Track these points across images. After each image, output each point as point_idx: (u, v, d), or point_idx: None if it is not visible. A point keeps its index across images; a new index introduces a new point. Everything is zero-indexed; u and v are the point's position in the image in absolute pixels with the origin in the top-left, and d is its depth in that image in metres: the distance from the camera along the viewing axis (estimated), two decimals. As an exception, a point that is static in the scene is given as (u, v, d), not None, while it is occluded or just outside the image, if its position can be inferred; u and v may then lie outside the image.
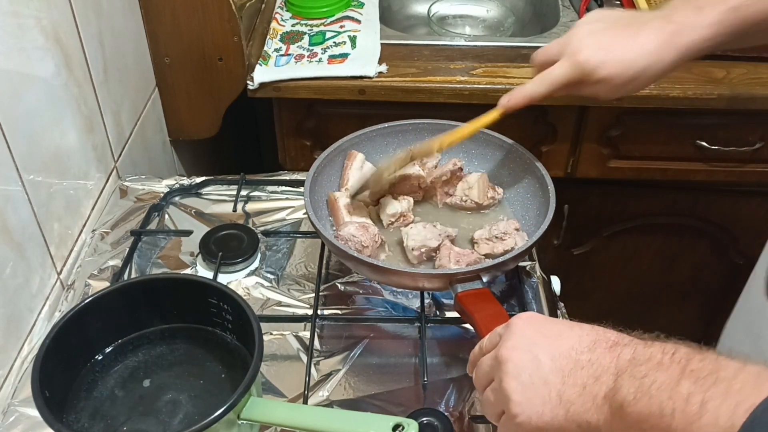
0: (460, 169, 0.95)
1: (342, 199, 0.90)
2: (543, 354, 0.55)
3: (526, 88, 0.83)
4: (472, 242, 0.88)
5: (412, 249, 0.84)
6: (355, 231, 0.83)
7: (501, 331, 0.59)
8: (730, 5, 0.76)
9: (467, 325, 0.87)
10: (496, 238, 0.86)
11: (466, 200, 0.92)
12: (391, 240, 0.90)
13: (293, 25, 1.35)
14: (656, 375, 0.47)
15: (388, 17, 1.46)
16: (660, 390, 0.46)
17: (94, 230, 1.00)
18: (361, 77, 1.20)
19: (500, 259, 0.79)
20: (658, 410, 0.45)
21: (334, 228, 0.89)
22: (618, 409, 0.48)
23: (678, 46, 0.77)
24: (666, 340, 0.51)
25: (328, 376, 0.81)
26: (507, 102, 0.85)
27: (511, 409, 0.54)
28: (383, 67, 1.22)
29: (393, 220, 0.90)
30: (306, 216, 0.98)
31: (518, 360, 0.55)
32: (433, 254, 0.85)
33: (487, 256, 0.85)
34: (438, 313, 0.89)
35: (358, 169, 0.94)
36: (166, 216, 1.04)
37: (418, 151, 0.89)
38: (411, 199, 0.92)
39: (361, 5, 1.39)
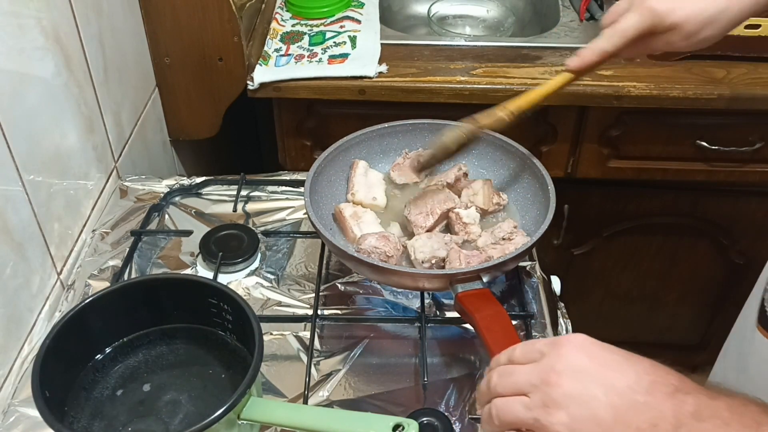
0: (465, 174, 0.95)
1: (347, 209, 0.90)
2: (596, 386, 0.50)
3: (596, 44, 0.78)
4: (477, 250, 0.88)
5: (422, 262, 0.83)
6: (377, 242, 0.83)
7: (545, 349, 0.54)
8: None
9: (467, 325, 0.87)
10: (504, 239, 0.85)
11: (471, 207, 0.91)
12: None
13: (293, 26, 1.35)
14: None
15: (388, 17, 1.46)
16: None
17: (94, 230, 1.00)
18: (361, 77, 1.20)
19: (500, 259, 0.79)
20: None
21: (346, 240, 0.89)
22: None
23: None
24: (731, 393, 0.46)
25: (328, 376, 0.81)
26: (576, 62, 0.80)
27: None
28: (383, 67, 1.22)
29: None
30: (306, 216, 0.98)
31: (568, 388, 0.50)
32: (442, 264, 0.84)
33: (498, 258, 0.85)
34: (438, 313, 0.89)
35: (363, 175, 0.94)
36: (166, 216, 1.04)
37: (485, 120, 0.83)
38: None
39: (361, 5, 1.39)
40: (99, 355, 0.74)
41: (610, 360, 0.52)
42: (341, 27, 1.33)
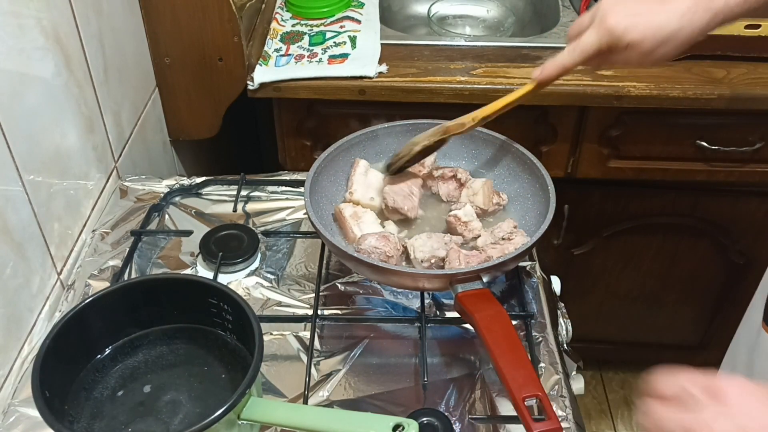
0: (461, 183, 0.95)
1: (347, 209, 0.90)
2: None
3: (557, 59, 0.83)
4: (477, 250, 0.88)
5: (422, 261, 0.83)
6: (377, 242, 0.83)
7: (700, 395, 0.52)
8: None
9: (467, 325, 0.87)
10: (503, 239, 0.86)
11: (466, 205, 0.91)
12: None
13: (293, 26, 1.35)
14: None
15: (388, 17, 1.46)
16: None
17: (94, 230, 1.00)
18: (361, 77, 1.20)
19: (500, 259, 0.79)
20: None
21: (346, 240, 0.89)
22: None
23: (710, 8, 0.75)
24: None
25: (328, 376, 0.81)
26: (540, 75, 0.84)
27: None
28: (383, 68, 1.22)
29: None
30: (306, 216, 0.98)
31: None
32: (442, 264, 0.85)
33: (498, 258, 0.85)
34: (438, 313, 0.89)
35: (363, 174, 0.94)
36: (167, 216, 1.04)
37: (452, 126, 0.90)
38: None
39: (361, 5, 1.39)
40: (99, 355, 0.74)
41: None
42: (341, 27, 1.33)
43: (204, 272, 0.94)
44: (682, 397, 0.52)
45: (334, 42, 1.28)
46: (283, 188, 1.08)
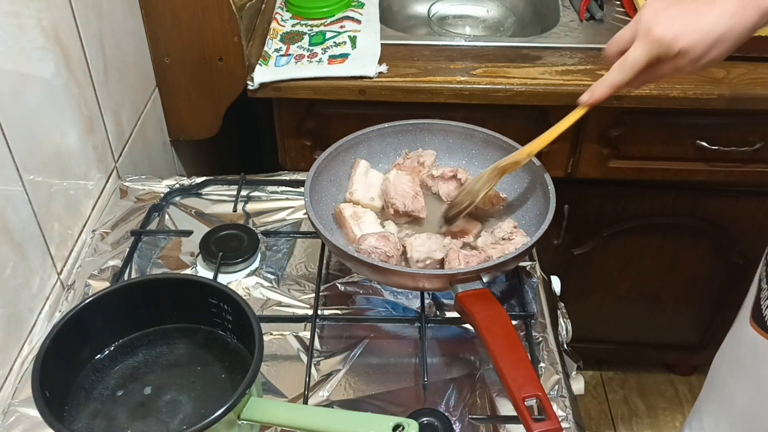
0: (461, 182, 0.95)
1: (347, 209, 0.90)
2: None
3: (607, 79, 0.81)
4: (476, 250, 0.88)
5: (417, 261, 0.83)
6: (377, 242, 0.83)
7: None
8: None
9: (467, 326, 0.87)
10: (503, 239, 0.86)
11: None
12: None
13: (293, 26, 1.35)
14: None
15: (388, 17, 1.46)
16: None
17: (94, 230, 1.00)
18: (361, 77, 1.20)
19: (500, 259, 0.79)
20: None
21: (346, 240, 0.89)
22: None
23: (759, 6, 0.73)
24: None
25: (328, 376, 0.81)
26: (589, 98, 0.83)
27: None
28: (383, 68, 1.22)
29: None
30: (306, 216, 0.98)
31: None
32: (437, 266, 0.84)
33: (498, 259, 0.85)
34: (438, 313, 0.89)
35: (363, 174, 0.94)
36: (167, 216, 1.04)
37: (505, 165, 0.88)
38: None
39: (361, 5, 1.39)
40: (99, 355, 0.74)
41: None
42: (341, 27, 1.33)
43: (204, 272, 0.94)
44: None
45: (334, 42, 1.28)
46: (283, 188, 1.08)
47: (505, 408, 0.78)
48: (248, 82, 1.20)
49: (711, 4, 0.74)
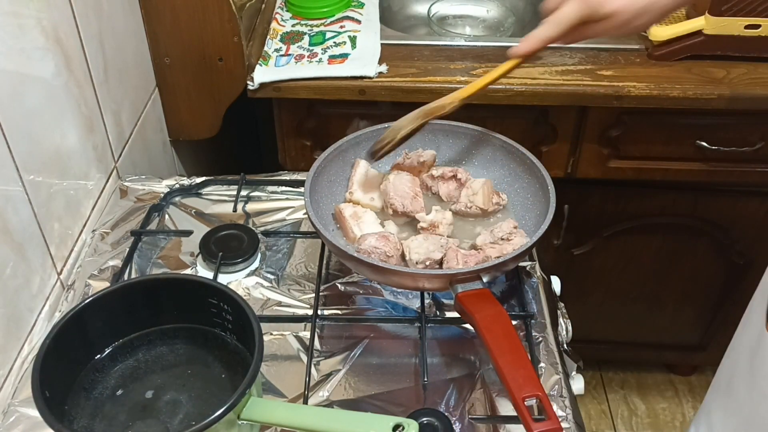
0: (461, 182, 0.95)
1: (347, 209, 0.90)
2: None
3: (537, 32, 0.84)
4: (476, 249, 0.88)
5: (416, 263, 0.83)
6: (377, 242, 0.83)
7: None
8: None
9: (467, 325, 0.87)
10: (502, 239, 0.85)
11: (471, 207, 0.91)
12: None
13: (293, 26, 1.35)
14: None
15: (388, 17, 1.46)
16: None
17: (94, 230, 1.00)
18: (361, 77, 1.20)
19: (500, 259, 0.79)
20: None
21: (346, 240, 0.89)
22: None
23: None
24: None
25: (328, 376, 0.81)
26: (519, 49, 0.85)
27: None
28: (383, 68, 1.22)
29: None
30: (306, 216, 0.98)
31: None
32: (437, 266, 0.84)
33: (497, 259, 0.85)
34: (438, 313, 0.89)
35: (363, 174, 0.94)
36: (166, 216, 1.04)
37: (431, 109, 0.90)
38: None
39: (361, 5, 1.39)
40: (99, 355, 0.74)
41: None
42: (341, 27, 1.33)
43: (204, 272, 0.94)
44: None
45: (334, 42, 1.28)
46: (283, 188, 1.08)
47: (505, 408, 0.78)
48: (248, 82, 1.21)
49: None
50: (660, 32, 1.25)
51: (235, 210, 1.04)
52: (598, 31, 0.81)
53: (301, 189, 0.94)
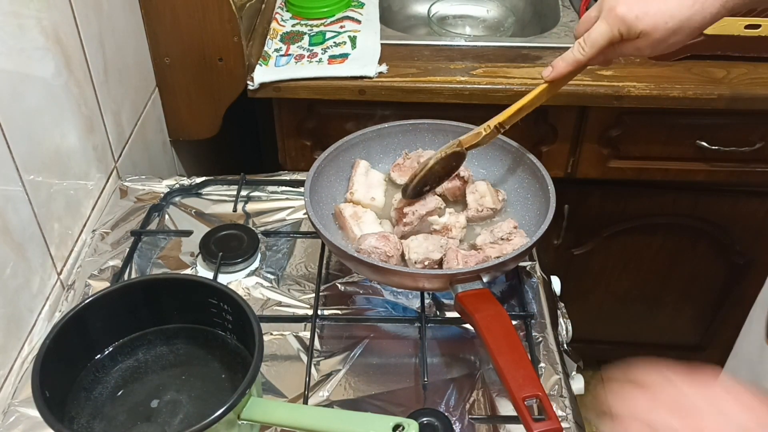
0: (465, 180, 0.95)
1: (347, 209, 0.90)
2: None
3: (567, 55, 0.81)
4: (476, 249, 0.88)
5: (415, 263, 0.83)
6: (377, 242, 0.83)
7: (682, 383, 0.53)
8: None
9: (467, 325, 0.87)
10: (502, 239, 0.85)
11: (482, 209, 0.91)
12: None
13: (293, 26, 1.35)
14: None
15: (388, 17, 1.46)
16: None
17: (94, 230, 1.00)
18: (361, 77, 1.20)
19: (500, 259, 0.79)
20: None
21: (344, 238, 0.89)
22: None
23: None
24: None
25: (328, 376, 0.81)
26: (550, 73, 0.83)
27: None
28: (383, 68, 1.22)
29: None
30: (306, 216, 0.98)
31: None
32: (436, 266, 0.84)
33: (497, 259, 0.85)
34: (438, 313, 0.89)
35: (363, 175, 0.94)
36: (166, 216, 1.04)
37: (466, 138, 0.88)
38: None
39: (361, 5, 1.39)
40: (99, 355, 0.74)
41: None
42: (341, 27, 1.33)
43: (204, 272, 0.94)
44: (662, 384, 0.53)
45: (334, 42, 1.28)
46: (283, 188, 1.08)
47: (505, 408, 0.78)
48: (248, 82, 1.21)
49: None
50: (660, 32, 1.24)
51: (235, 210, 1.04)
52: (631, 50, 0.79)
53: (301, 189, 0.94)
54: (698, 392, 0.52)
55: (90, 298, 0.71)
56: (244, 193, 1.07)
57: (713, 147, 1.27)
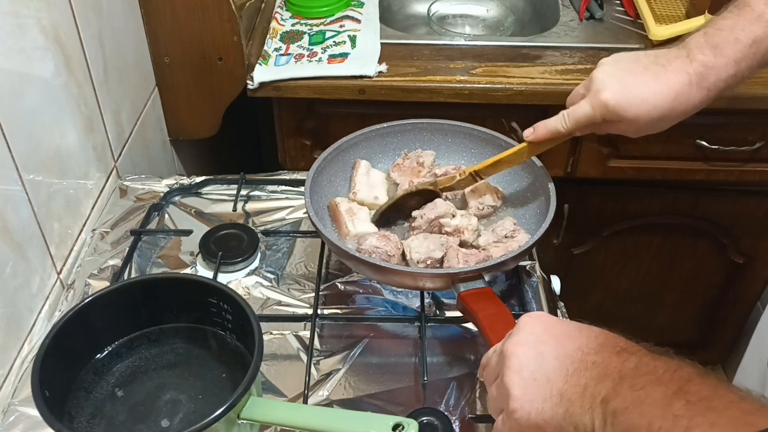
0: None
1: (343, 204, 0.90)
2: (548, 352, 0.55)
3: (549, 122, 0.83)
4: (476, 248, 0.88)
5: (417, 262, 0.83)
6: (377, 242, 0.83)
7: (512, 329, 0.60)
8: (744, 43, 0.74)
9: (467, 325, 0.87)
10: (506, 237, 0.86)
11: (483, 208, 0.92)
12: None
13: (293, 25, 1.35)
14: (653, 389, 0.46)
15: (388, 17, 1.46)
16: (652, 405, 0.45)
17: (94, 230, 1.00)
18: (361, 77, 1.20)
19: (501, 259, 0.79)
20: (646, 425, 0.44)
21: (337, 233, 0.89)
22: (611, 415, 0.48)
23: (704, 86, 0.76)
24: (675, 356, 0.50)
25: (328, 376, 0.81)
26: (530, 135, 0.85)
27: (510, 405, 0.54)
28: (383, 67, 1.22)
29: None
30: (306, 215, 0.98)
31: (522, 355, 0.56)
32: (437, 265, 0.84)
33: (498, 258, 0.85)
34: (438, 312, 0.89)
35: (365, 174, 0.94)
36: (166, 216, 1.04)
37: (442, 181, 0.91)
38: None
39: (361, 5, 1.39)
40: (99, 355, 0.74)
41: (564, 329, 0.57)
42: (341, 26, 1.33)
43: (204, 272, 0.94)
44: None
45: (334, 41, 1.28)
46: (283, 188, 1.08)
47: (505, 407, 0.77)
48: (248, 82, 1.20)
49: (660, 78, 0.76)
50: (660, 32, 1.24)
51: (234, 209, 1.04)
52: (613, 131, 0.80)
53: (301, 188, 0.94)
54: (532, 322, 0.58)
55: (90, 298, 0.71)
56: (243, 192, 1.07)
57: (713, 146, 1.27)
